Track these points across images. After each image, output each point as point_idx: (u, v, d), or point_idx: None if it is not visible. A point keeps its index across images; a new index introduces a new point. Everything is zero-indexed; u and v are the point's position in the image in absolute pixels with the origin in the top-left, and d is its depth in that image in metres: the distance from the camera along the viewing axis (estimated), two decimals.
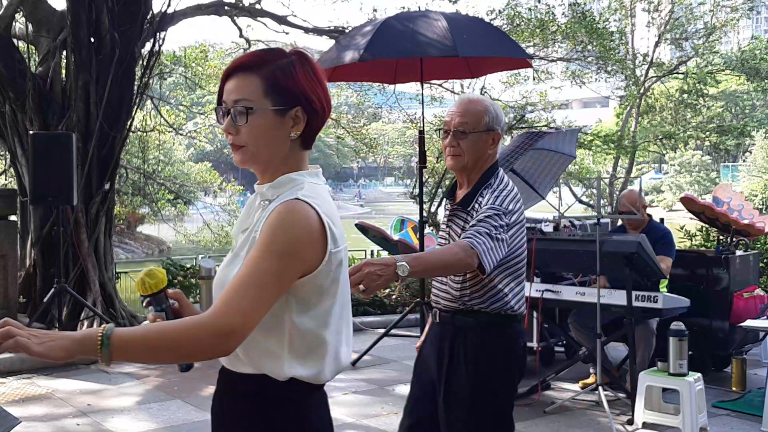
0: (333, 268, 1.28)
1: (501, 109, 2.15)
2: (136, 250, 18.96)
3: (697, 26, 17.56)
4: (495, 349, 2.04)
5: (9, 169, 8.04)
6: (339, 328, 1.33)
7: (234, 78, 1.30)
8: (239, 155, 1.32)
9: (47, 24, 6.47)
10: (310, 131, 1.33)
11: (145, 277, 1.32)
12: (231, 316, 1.17)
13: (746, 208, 5.61)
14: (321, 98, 1.32)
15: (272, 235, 1.22)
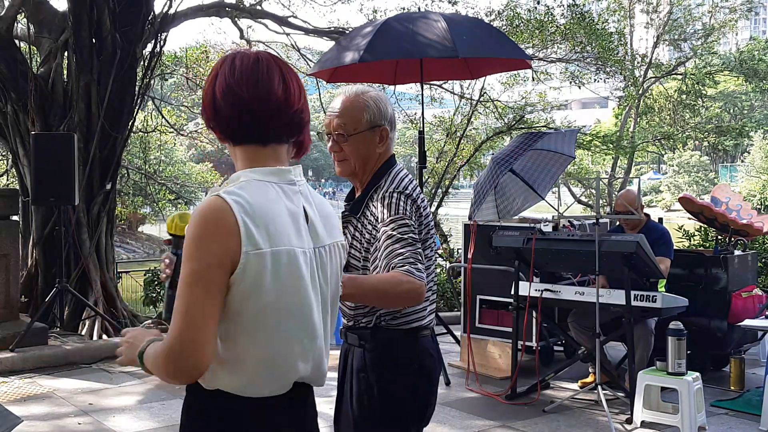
0: (255, 271, 1.19)
1: (385, 99, 1.89)
2: (137, 250, 18.98)
3: (696, 27, 17.60)
4: (382, 370, 1.79)
5: (11, 169, 8.06)
6: (281, 339, 1.25)
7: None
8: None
9: (49, 25, 6.49)
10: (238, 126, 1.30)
11: (176, 217, 1.40)
12: (178, 335, 1.17)
13: (744, 208, 5.64)
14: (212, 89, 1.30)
15: (187, 236, 1.20)
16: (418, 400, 1.82)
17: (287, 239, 1.24)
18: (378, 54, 4.68)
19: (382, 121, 1.85)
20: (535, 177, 5.16)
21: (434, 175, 10.26)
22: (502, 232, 4.43)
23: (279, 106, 1.30)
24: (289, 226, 1.26)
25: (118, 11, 6.06)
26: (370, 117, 1.83)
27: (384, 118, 1.86)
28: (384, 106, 1.87)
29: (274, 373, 1.27)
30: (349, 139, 1.83)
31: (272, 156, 1.31)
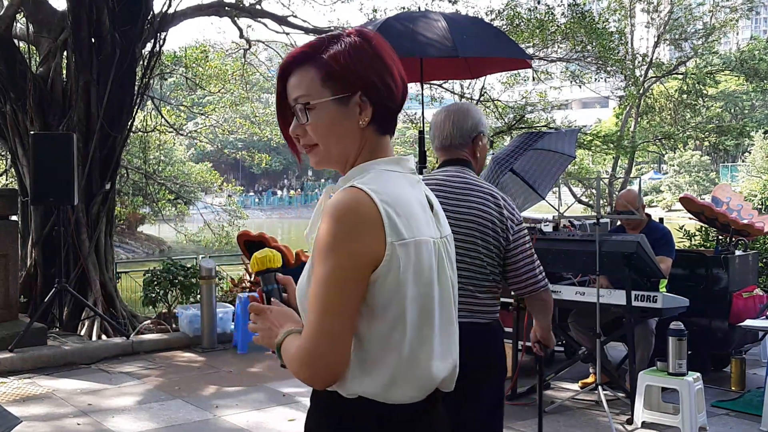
0: (399, 264, 1.11)
1: None
2: (136, 250, 18.97)
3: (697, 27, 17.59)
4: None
5: (10, 169, 8.05)
6: (419, 337, 1.15)
7: (292, 75, 1.20)
8: (313, 157, 1.21)
9: (48, 24, 6.48)
10: (384, 114, 1.19)
11: (257, 254, 1.28)
12: (306, 341, 1.11)
13: (745, 208, 5.63)
14: (384, 77, 1.18)
15: (321, 233, 1.10)
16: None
17: (424, 229, 1.17)
18: None
19: None
20: (535, 177, 5.15)
21: None
22: None
23: (403, 93, 1.22)
24: (421, 216, 1.18)
25: (117, 11, 6.04)
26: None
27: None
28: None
29: (416, 373, 1.16)
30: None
31: (390, 145, 1.24)
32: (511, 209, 2.13)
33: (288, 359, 1.16)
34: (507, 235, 2.11)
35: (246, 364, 5.12)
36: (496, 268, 2.12)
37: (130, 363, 5.12)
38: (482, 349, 2.07)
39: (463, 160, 2.18)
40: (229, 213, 14.76)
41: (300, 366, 1.13)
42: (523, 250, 2.13)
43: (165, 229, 17.91)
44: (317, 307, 1.10)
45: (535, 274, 2.15)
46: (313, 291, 1.11)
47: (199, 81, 10.69)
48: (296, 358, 1.13)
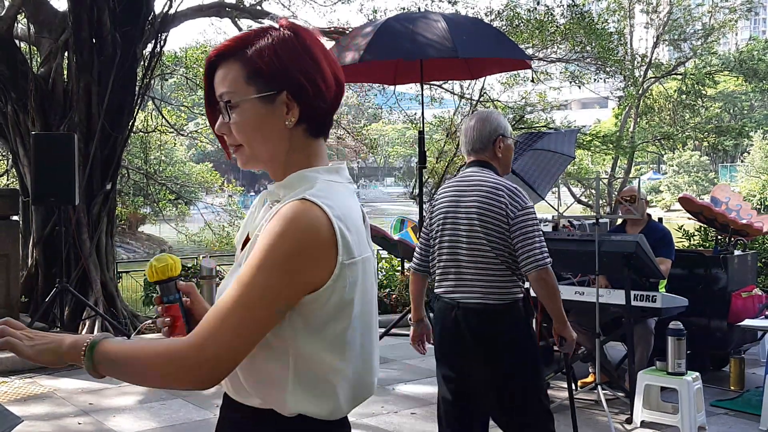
0: (346, 283, 1.06)
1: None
2: (137, 250, 18.99)
3: (696, 27, 17.62)
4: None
5: (11, 169, 8.07)
6: (359, 355, 1.12)
7: (218, 69, 1.12)
8: (240, 156, 1.13)
9: (49, 25, 6.49)
10: (313, 114, 1.11)
11: (154, 262, 1.20)
12: (218, 343, 1.00)
13: (744, 208, 5.65)
14: (311, 76, 1.10)
15: (270, 243, 1.01)
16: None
17: (365, 244, 1.13)
18: (378, 54, 4.69)
19: None
20: (535, 177, 5.17)
21: (434, 175, 10.27)
22: None
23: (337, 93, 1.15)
24: (363, 230, 1.13)
25: (118, 11, 6.06)
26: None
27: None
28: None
29: (359, 389, 1.13)
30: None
31: (325, 150, 1.17)
32: (513, 199, 2.41)
33: (136, 357, 1.04)
34: (508, 221, 2.37)
35: None
36: (504, 251, 2.38)
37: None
38: (491, 326, 2.35)
39: (483, 161, 2.51)
40: (230, 213, 14.78)
41: (185, 363, 1.01)
42: (522, 231, 2.36)
43: (166, 229, 17.94)
44: (227, 313, 1.01)
45: (533, 254, 2.34)
46: (232, 297, 1.02)
47: (199, 81, 10.70)
48: (179, 355, 1.01)
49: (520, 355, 2.40)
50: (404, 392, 4.49)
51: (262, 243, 1.03)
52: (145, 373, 1.05)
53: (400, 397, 4.39)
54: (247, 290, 1.01)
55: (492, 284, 2.36)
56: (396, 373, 4.97)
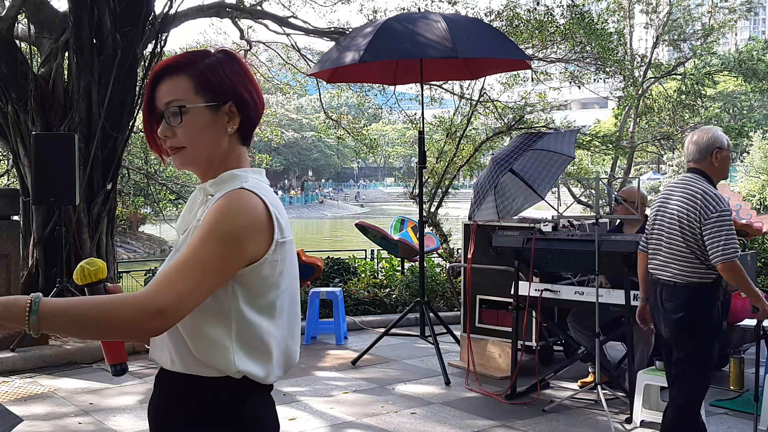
0: (279, 258, 1.25)
1: None
2: (138, 250, 19.00)
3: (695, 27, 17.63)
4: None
5: (11, 169, 8.07)
6: (287, 323, 1.30)
7: (163, 82, 1.29)
8: (179, 158, 1.30)
9: (49, 25, 6.50)
10: (248, 125, 1.32)
11: (86, 265, 1.27)
12: (163, 294, 1.13)
13: (744, 208, 5.66)
14: (252, 93, 1.32)
15: (216, 220, 1.19)
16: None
17: (290, 230, 1.32)
18: (378, 54, 4.69)
19: None
20: (534, 177, 5.17)
21: (434, 175, 10.26)
22: (502, 232, 4.44)
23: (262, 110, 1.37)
24: (287, 218, 1.32)
25: (118, 11, 6.07)
26: None
27: None
28: None
29: (287, 356, 1.31)
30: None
31: (248, 156, 1.37)
32: (707, 203, 2.89)
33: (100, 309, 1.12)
34: (700, 221, 2.89)
35: None
36: (694, 245, 2.92)
37: (131, 362, 5.08)
38: (676, 300, 2.95)
39: (698, 169, 3.00)
40: None
41: (138, 313, 1.11)
42: (712, 231, 2.86)
43: (166, 229, 17.93)
44: (178, 272, 1.15)
45: (719, 249, 2.84)
46: (181, 261, 1.16)
47: None
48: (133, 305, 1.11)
49: (694, 328, 2.93)
50: (404, 392, 4.50)
51: (210, 221, 1.19)
52: (93, 323, 1.12)
53: (400, 397, 4.40)
54: (194, 256, 1.16)
55: (681, 268, 2.94)
56: (396, 373, 4.98)
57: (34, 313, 1.11)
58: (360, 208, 48.60)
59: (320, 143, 48.77)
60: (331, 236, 29.96)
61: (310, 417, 3.98)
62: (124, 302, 1.13)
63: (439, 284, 7.45)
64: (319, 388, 4.56)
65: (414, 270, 7.66)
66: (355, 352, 5.38)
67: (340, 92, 12.70)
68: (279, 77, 13.15)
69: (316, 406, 4.16)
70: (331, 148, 49.68)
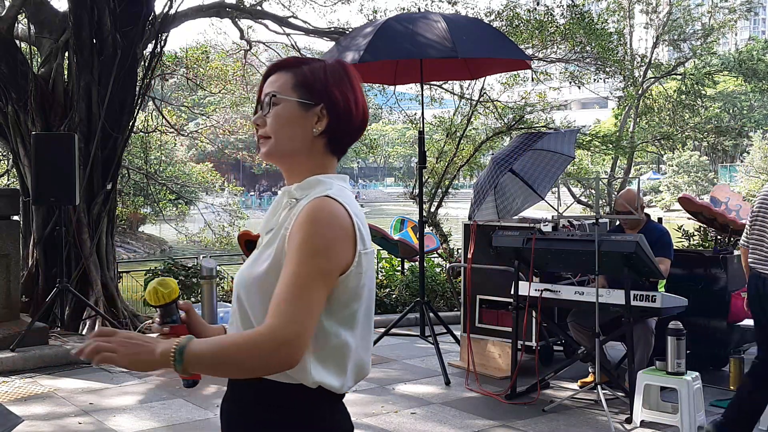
0: (362, 270, 1.26)
1: None
2: (138, 249, 19.00)
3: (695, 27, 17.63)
4: None
5: (11, 169, 8.08)
6: (363, 333, 1.30)
7: (271, 77, 1.35)
8: (263, 146, 1.32)
9: (49, 25, 6.50)
10: (337, 131, 1.32)
11: (159, 287, 1.26)
12: (283, 326, 1.15)
13: (744, 208, 5.66)
14: (350, 102, 1.32)
15: (307, 235, 1.20)
16: None
17: (371, 240, 1.33)
18: (378, 54, 4.69)
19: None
20: (534, 177, 5.17)
21: (434, 175, 10.26)
22: (502, 232, 4.43)
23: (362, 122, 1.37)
24: (368, 228, 1.34)
25: (118, 11, 6.06)
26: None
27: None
28: None
29: (361, 366, 1.31)
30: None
31: (336, 168, 1.39)
32: None
33: (238, 351, 1.17)
34: None
35: None
36: None
37: None
38: None
39: None
40: (230, 213, 14.78)
41: (264, 352, 1.15)
42: None
43: (166, 229, 17.94)
44: (296, 297, 1.17)
45: None
46: (288, 285, 1.18)
47: (199, 81, 10.71)
48: (258, 345, 1.15)
49: None
50: (404, 392, 4.49)
51: (301, 235, 1.20)
52: (233, 366, 1.19)
53: (400, 397, 4.40)
54: (301, 276, 1.18)
55: None
56: (396, 373, 4.98)
57: (179, 363, 1.17)
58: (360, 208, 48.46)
59: None
60: None
61: None
62: (255, 343, 1.16)
63: (439, 284, 7.45)
64: None
65: (414, 270, 7.66)
66: None
67: None
68: None
69: None
70: None
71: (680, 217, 12.11)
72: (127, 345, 1.19)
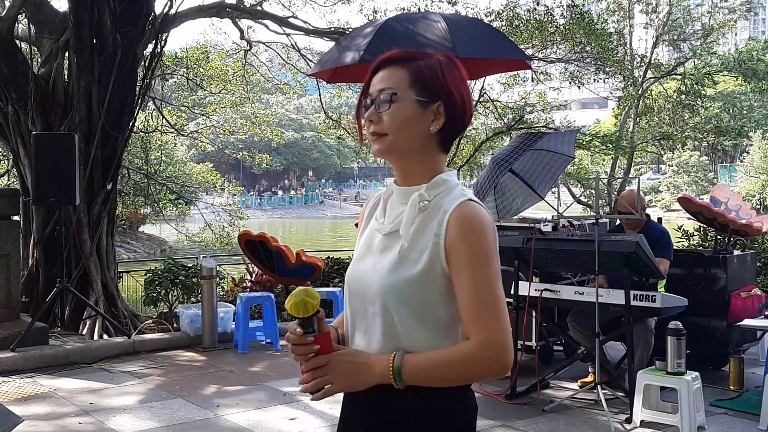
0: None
1: None
2: (138, 249, 19.02)
3: (695, 27, 17.63)
4: None
5: (12, 169, 8.08)
6: None
7: (382, 71, 1.32)
8: (379, 144, 1.30)
9: (49, 25, 6.51)
10: (450, 132, 1.32)
11: (307, 299, 1.22)
12: (496, 333, 1.21)
13: (744, 208, 5.66)
14: (464, 99, 1.32)
15: (478, 242, 1.23)
16: None
17: None
18: (378, 54, 4.67)
19: None
20: (534, 177, 5.18)
21: None
22: (502, 232, 4.43)
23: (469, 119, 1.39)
24: None
25: (118, 12, 6.07)
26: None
27: None
28: None
29: None
30: None
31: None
32: None
33: (454, 366, 1.22)
34: None
35: (247, 364, 5.15)
36: None
37: (131, 362, 5.14)
38: None
39: None
40: (230, 213, 14.79)
41: (486, 361, 1.22)
42: None
43: (166, 229, 17.94)
44: (492, 302, 1.23)
45: None
46: (482, 295, 1.23)
47: (200, 81, 10.71)
48: (476, 355, 1.21)
49: None
50: None
51: (473, 244, 1.23)
52: (451, 378, 1.24)
53: None
54: (490, 283, 1.23)
55: None
56: None
57: (399, 381, 1.22)
58: (360, 208, 48.48)
59: (320, 143, 48.75)
60: (331, 236, 29.96)
61: (311, 417, 3.98)
62: (474, 356, 1.21)
63: None
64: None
65: None
66: None
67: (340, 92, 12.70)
68: (279, 77, 13.15)
69: (317, 406, 4.16)
70: (331, 148, 49.67)
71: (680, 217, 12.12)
72: (344, 375, 1.25)
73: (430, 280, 1.24)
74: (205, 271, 5.57)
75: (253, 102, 12.73)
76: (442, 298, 1.25)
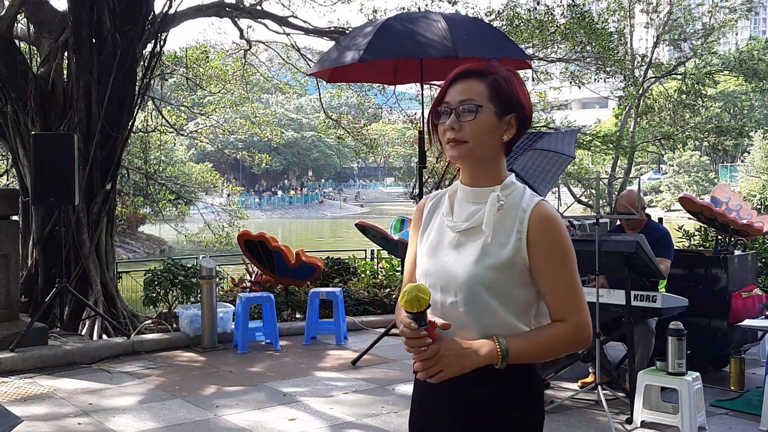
0: None
1: None
2: (137, 249, 19.02)
3: (696, 27, 17.62)
4: None
5: (11, 169, 8.07)
6: None
7: (460, 82, 1.47)
8: (457, 150, 1.45)
9: (49, 25, 6.50)
10: (516, 139, 1.50)
11: (420, 294, 1.31)
12: (586, 315, 1.44)
13: (744, 208, 5.65)
14: (530, 109, 1.50)
15: (559, 237, 1.42)
16: None
17: None
18: (378, 54, 4.68)
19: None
20: (535, 177, 5.17)
21: (434, 175, 10.27)
22: None
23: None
24: None
25: (118, 11, 6.06)
26: None
27: None
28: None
29: None
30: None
31: None
32: None
33: (546, 345, 1.41)
34: None
35: (246, 364, 5.14)
36: None
37: (130, 363, 5.13)
38: None
39: None
40: (230, 213, 14.79)
41: (581, 338, 1.44)
42: None
43: (165, 229, 17.94)
44: (576, 290, 1.44)
45: None
46: (570, 282, 1.43)
47: (199, 81, 10.70)
48: (571, 334, 1.42)
49: None
50: (404, 392, 4.49)
51: (555, 239, 1.42)
52: (546, 355, 1.43)
53: (400, 397, 4.39)
54: (574, 272, 1.44)
55: None
56: (396, 373, 4.97)
57: (505, 361, 1.38)
58: (360, 208, 48.61)
59: (320, 143, 48.74)
60: (331, 236, 29.95)
61: (311, 417, 3.98)
62: (572, 333, 1.42)
63: None
64: (319, 388, 4.56)
65: None
66: (355, 353, 5.38)
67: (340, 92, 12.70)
68: (279, 77, 13.15)
69: (317, 407, 4.15)
70: (331, 148, 49.67)
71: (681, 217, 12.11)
72: (453, 361, 1.38)
73: (511, 269, 1.40)
74: (204, 271, 5.56)
75: (253, 102, 12.73)
76: (520, 285, 1.41)
